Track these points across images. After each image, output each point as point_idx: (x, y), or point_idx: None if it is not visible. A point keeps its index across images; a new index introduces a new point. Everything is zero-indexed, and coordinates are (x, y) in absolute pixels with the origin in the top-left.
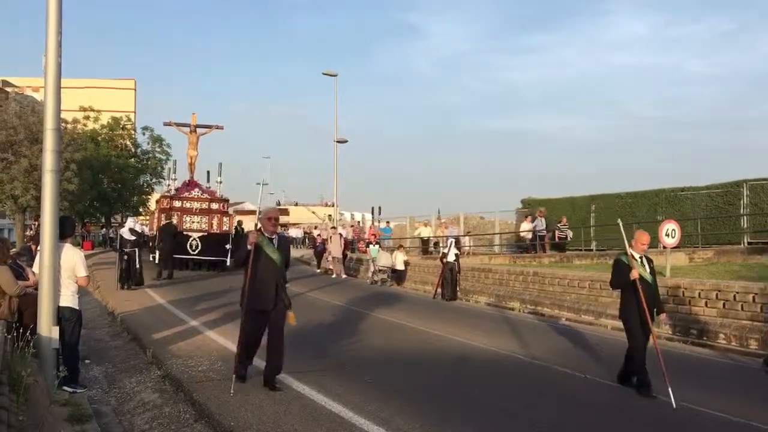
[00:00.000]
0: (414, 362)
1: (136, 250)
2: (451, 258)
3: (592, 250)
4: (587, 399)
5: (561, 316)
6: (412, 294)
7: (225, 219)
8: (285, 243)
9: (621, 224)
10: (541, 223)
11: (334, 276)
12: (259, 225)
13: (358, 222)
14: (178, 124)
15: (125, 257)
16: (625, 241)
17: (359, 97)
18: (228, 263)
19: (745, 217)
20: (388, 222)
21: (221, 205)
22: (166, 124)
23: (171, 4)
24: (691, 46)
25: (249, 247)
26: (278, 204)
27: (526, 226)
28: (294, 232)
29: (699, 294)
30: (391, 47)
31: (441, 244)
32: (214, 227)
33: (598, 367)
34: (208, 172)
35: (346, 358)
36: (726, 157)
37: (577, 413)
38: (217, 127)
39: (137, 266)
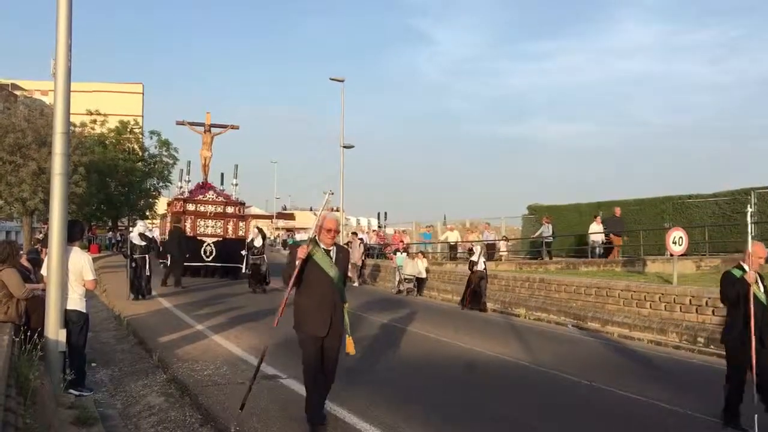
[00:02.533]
0: (419, 368)
1: (146, 256)
2: (480, 266)
3: (596, 256)
4: (592, 407)
5: (567, 323)
6: (424, 301)
7: (241, 223)
8: (344, 256)
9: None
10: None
11: (354, 284)
12: (314, 234)
13: (382, 226)
14: (191, 124)
15: (134, 264)
16: (750, 246)
17: (365, 102)
18: (244, 270)
19: (752, 225)
20: (429, 226)
21: (237, 208)
22: (179, 123)
23: (180, 9)
24: (699, 54)
25: (298, 261)
26: (284, 209)
27: (595, 227)
28: (306, 237)
29: (706, 302)
30: (398, 53)
31: (474, 250)
32: (230, 232)
33: (604, 375)
34: (222, 174)
35: (351, 364)
36: (733, 165)
37: (581, 421)
38: (233, 127)
39: (147, 274)
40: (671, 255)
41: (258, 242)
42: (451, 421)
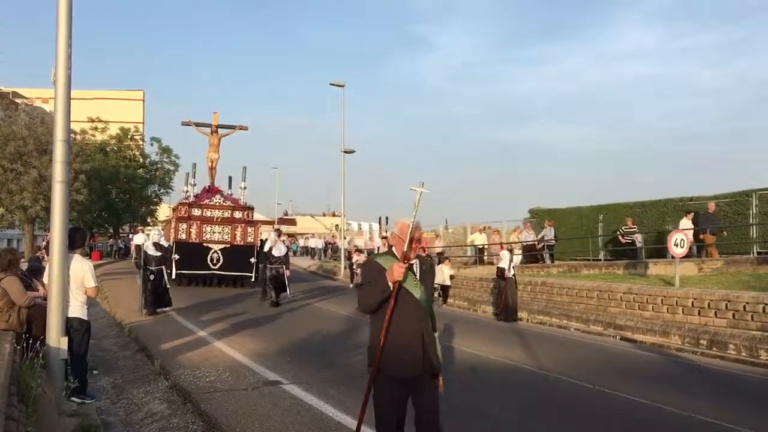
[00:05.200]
0: None
1: (163, 268)
2: (511, 273)
3: (600, 260)
4: (595, 410)
5: (569, 326)
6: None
7: (249, 229)
8: (429, 269)
9: None
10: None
11: None
12: (383, 245)
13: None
14: (197, 124)
15: (151, 276)
16: None
17: (367, 108)
18: (253, 279)
19: (754, 227)
20: (484, 228)
21: (245, 213)
22: (184, 124)
23: (179, 16)
24: (699, 57)
25: (391, 285)
26: (285, 214)
27: (686, 222)
28: (313, 242)
29: (708, 304)
30: (399, 58)
31: (502, 255)
32: (238, 238)
33: (607, 378)
34: (231, 178)
35: (354, 369)
36: (734, 167)
37: (583, 425)
38: (241, 128)
39: (166, 286)
40: (673, 257)
41: (279, 250)
42: (455, 425)
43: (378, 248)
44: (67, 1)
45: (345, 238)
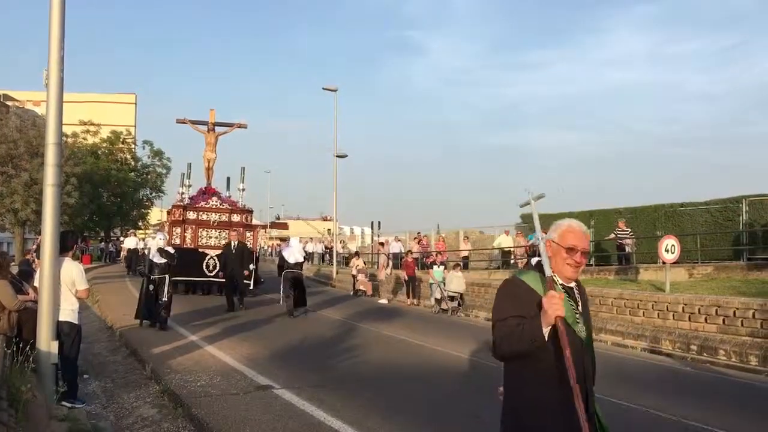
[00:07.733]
0: (414, 377)
1: (167, 277)
2: None
3: (591, 265)
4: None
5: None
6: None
7: (248, 234)
8: (585, 299)
9: None
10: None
11: (382, 301)
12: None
13: (419, 233)
14: (193, 122)
15: (150, 286)
16: None
17: (360, 113)
18: (251, 287)
19: (744, 233)
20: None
21: (244, 216)
22: (179, 122)
23: (173, 19)
24: (691, 63)
25: (545, 328)
26: (277, 218)
27: None
28: (311, 247)
29: (699, 310)
30: (391, 64)
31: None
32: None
33: (597, 384)
34: (228, 179)
35: (346, 373)
36: (725, 174)
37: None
38: (240, 125)
39: (165, 298)
40: (664, 263)
41: (295, 256)
42: (446, 428)
43: (409, 252)
44: (60, 3)
45: (341, 242)
